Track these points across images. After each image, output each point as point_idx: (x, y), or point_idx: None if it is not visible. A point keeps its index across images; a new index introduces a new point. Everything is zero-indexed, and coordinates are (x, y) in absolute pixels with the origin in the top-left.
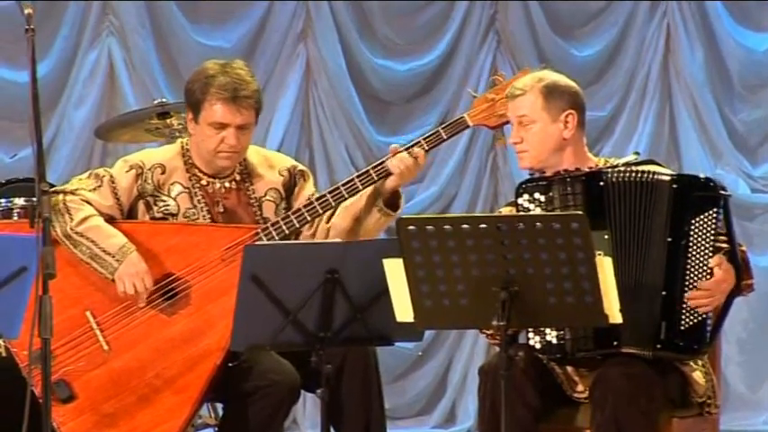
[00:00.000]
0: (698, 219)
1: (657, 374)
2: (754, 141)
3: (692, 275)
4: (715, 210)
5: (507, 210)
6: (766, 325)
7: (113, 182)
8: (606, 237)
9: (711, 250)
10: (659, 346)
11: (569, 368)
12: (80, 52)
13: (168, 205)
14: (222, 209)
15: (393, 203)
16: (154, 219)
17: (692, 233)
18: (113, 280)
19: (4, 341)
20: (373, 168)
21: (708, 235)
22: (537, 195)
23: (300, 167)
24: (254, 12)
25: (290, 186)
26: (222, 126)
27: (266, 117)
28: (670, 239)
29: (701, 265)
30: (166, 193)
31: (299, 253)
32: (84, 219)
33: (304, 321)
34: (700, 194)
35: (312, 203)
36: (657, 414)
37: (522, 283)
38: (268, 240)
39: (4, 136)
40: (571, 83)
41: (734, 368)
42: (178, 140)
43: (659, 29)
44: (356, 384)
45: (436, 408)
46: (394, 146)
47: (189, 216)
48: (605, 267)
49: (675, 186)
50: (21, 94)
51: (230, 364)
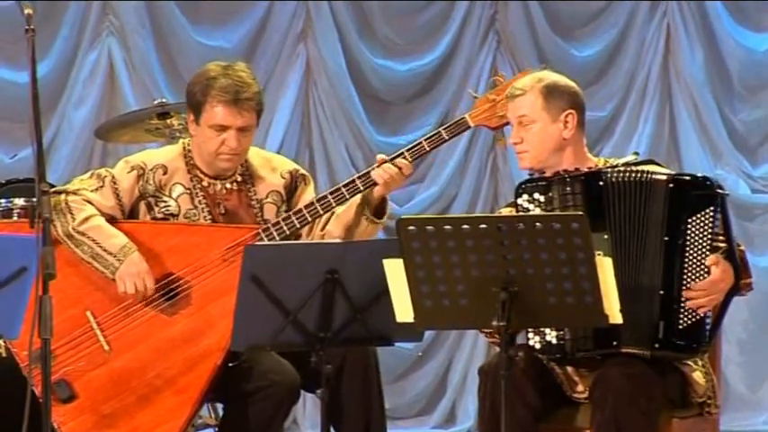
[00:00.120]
0: (695, 218)
1: (657, 374)
2: (754, 142)
3: (690, 275)
4: (712, 209)
5: (507, 210)
6: (766, 325)
7: (115, 182)
8: (606, 237)
9: (709, 249)
10: (657, 346)
11: (569, 368)
12: (80, 52)
13: (169, 206)
14: (223, 210)
15: (380, 210)
16: (155, 219)
17: (689, 232)
18: (114, 280)
19: (5, 341)
20: (359, 178)
21: (705, 234)
22: (536, 195)
23: (302, 171)
24: (254, 12)
25: (292, 189)
26: (223, 128)
27: (266, 117)
28: (667, 239)
29: (699, 265)
30: (167, 194)
31: (300, 253)
32: (85, 218)
33: (304, 321)
34: (696, 193)
35: (313, 204)
36: (657, 414)
37: (522, 284)
38: (269, 241)
39: (4, 136)
40: (571, 83)
41: (734, 368)
42: (180, 141)
43: (659, 29)
44: (356, 384)
45: (436, 408)
46: (380, 156)
47: (190, 217)
48: (605, 267)
49: (672, 186)
50: (21, 95)
51: (230, 365)
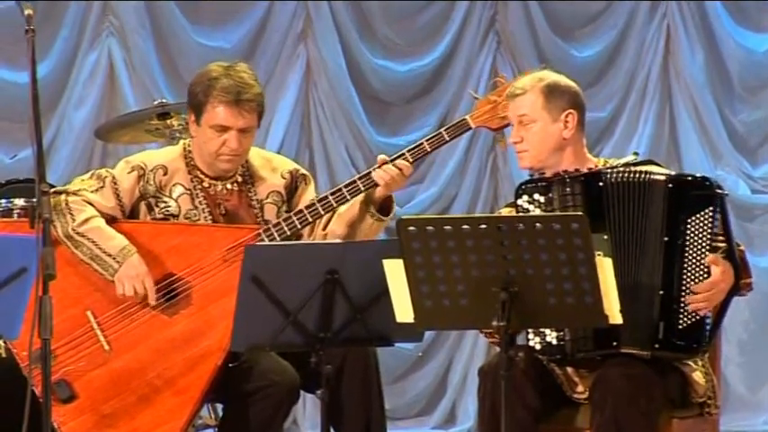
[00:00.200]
0: (694, 218)
1: (657, 375)
2: (754, 142)
3: (689, 275)
4: (711, 209)
5: (507, 211)
6: (767, 326)
7: (115, 183)
8: (606, 237)
9: (708, 249)
10: (657, 346)
11: (569, 369)
12: (80, 53)
13: (169, 206)
14: (224, 211)
15: (386, 208)
16: (155, 220)
17: (689, 232)
18: (114, 282)
19: (5, 341)
20: (359, 179)
21: (704, 234)
22: (536, 196)
23: (302, 171)
24: (254, 12)
25: (292, 189)
26: (224, 129)
27: (266, 118)
28: (666, 239)
29: (698, 265)
30: (168, 195)
31: (300, 253)
32: (85, 220)
33: (304, 322)
34: (695, 193)
35: (314, 205)
36: (657, 415)
37: (522, 284)
38: (269, 241)
39: (4, 137)
40: (571, 83)
41: (734, 369)
42: (180, 142)
43: (659, 30)
44: (356, 385)
45: (436, 408)
46: (381, 157)
47: (190, 217)
48: (605, 268)
49: (671, 186)
50: (21, 95)
51: (230, 365)
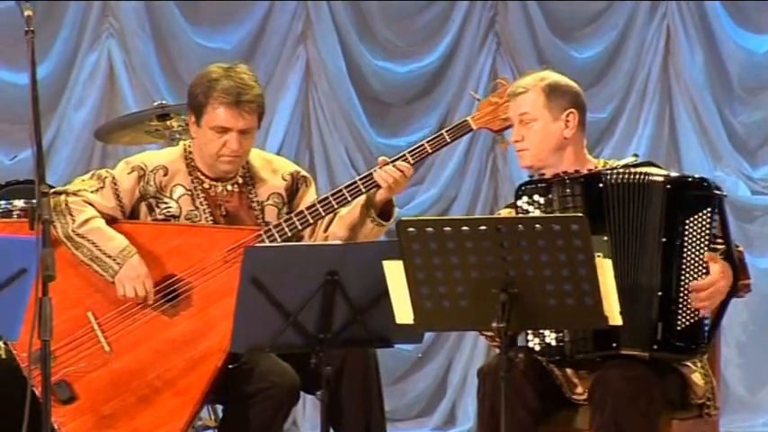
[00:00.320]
0: (692, 219)
1: (657, 376)
2: (753, 143)
3: (688, 275)
4: (709, 209)
5: (506, 212)
6: (766, 327)
7: (115, 183)
8: (605, 239)
9: (707, 250)
10: (656, 347)
11: (569, 370)
12: (80, 54)
13: (170, 207)
14: (224, 212)
15: (387, 212)
16: (156, 221)
17: (687, 233)
18: (114, 283)
19: (5, 342)
20: (360, 180)
21: (702, 235)
22: (536, 197)
23: (303, 173)
24: (253, 14)
25: (293, 191)
26: (224, 130)
27: (266, 119)
28: (665, 240)
29: (697, 265)
30: (168, 196)
31: (299, 254)
32: (85, 221)
33: (304, 323)
34: (693, 194)
35: (315, 206)
36: (657, 416)
37: (522, 285)
38: (270, 242)
39: (4, 138)
40: (573, 83)
41: (733, 370)
42: (181, 143)
43: (659, 31)
44: (356, 386)
45: (436, 409)
46: (382, 158)
47: (191, 218)
48: (605, 269)
49: (669, 187)
50: (20, 96)
51: (230, 366)
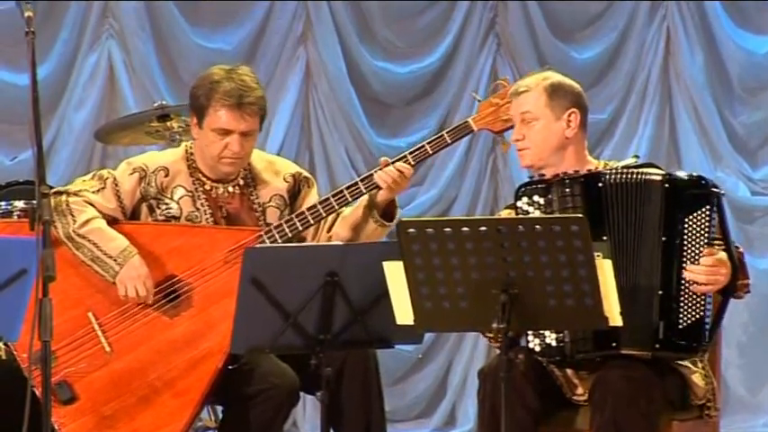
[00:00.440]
0: (691, 217)
1: (657, 377)
2: (754, 144)
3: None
4: (708, 207)
5: (506, 213)
6: (766, 328)
7: (116, 184)
8: (605, 239)
9: (706, 248)
10: (658, 346)
11: (569, 371)
12: (80, 55)
13: (171, 208)
14: (225, 213)
15: (389, 213)
16: (156, 222)
17: (686, 231)
18: (115, 283)
19: (5, 343)
20: (361, 181)
21: (702, 233)
22: (536, 198)
23: (305, 174)
24: (254, 14)
25: (295, 193)
26: (226, 132)
27: (266, 120)
28: (664, 239)
29: (696, 264)
30: (169, 197)
31: (299, 255)
32: (86, 221)
33: (304, 324)
34: (691, 192)
35: (315, 207)
36: (657, 416)
37: (522, 286)
38: (271, 243)
39: (4, 139)
40: (575, 84)
41: (734, 371)
42: (182, 144)
43: (659, 31)
44: (356, 387)
45: (436, 410)
46: (384, 159)
47: (192, 219)
48: (605, 269)
49: (667, 185)
50: (21, 97)
51: (230, 367)
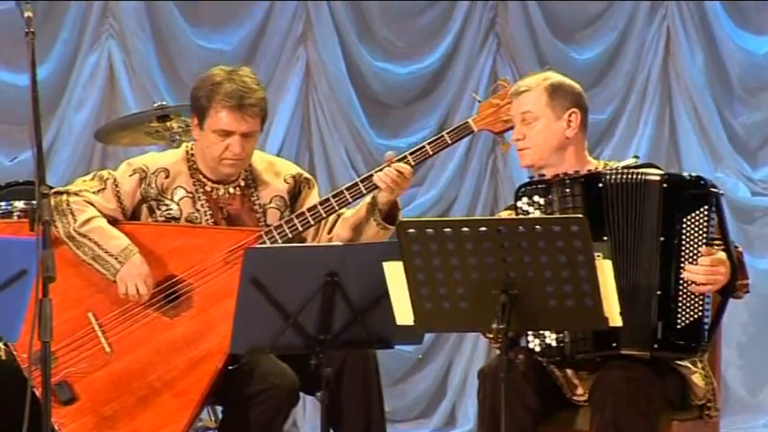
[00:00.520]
0: (689, 217)
1: (657, 377)
2: (754, 144)
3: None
4: (706, 207)
5: (506, 213)
6: (766, 328)
7: (117, 185)
8: (605, 239)
9: (704, 249)
10: (657, 347)
11: (569, 371)
12: (80, 55)
13: (171, 209)
14: (226, 214)
15: (392, 216)
16: (156, 222)
17: (684, 231)
18: (115, 282)
19: (5, 343)
20: (361, 182)
21: (700, 233)
22: (536, 198)
23: (306, 175)
24: (253, 14)
25: (295, 194)
26: (227, 133)
27: (266, 120)
28: (662, 239)
29: (695, 264)
30: (169, 198)
31: (299, 256)
32: (87, 220)
33: (304, 324)
34: (690, 192)
35: (316, 207)
36: (657, 416)
37: (522, 286)
38: (271, 243)
39: (4, 139)
40: (575, 84)
41: (734, 371)
42: (183, 145)
43: (659, 32)
44: (356, 387)
45: (436, 411)
46: (389, 154)
47: (192, 220)
48: (605, 270)
49: (665, 185)
50: (21, 97)
51: (230, 368)
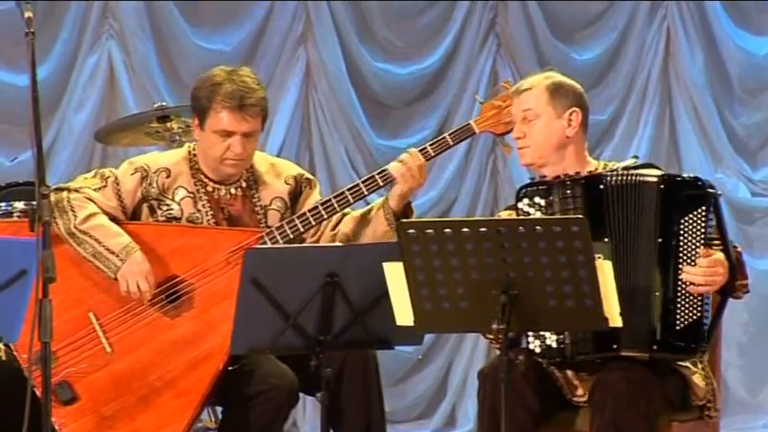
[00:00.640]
0: (687, 218)
1: (657, 378)
2: (754, 145)
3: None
4: (704, 208)
5: (506, 214)
6: (766, 328)
7: (118, 183)
8: (606, 240)
9: (703, 249)
10: (656, 348)
11: (569, 372)
12: (80, 55)
13: (172, 209)
14: (227, 215)
15: (405, 217)
16: (158, 222)
17: (682, 232)
18: (116, 279)
19: (5, 344)
20: (378, 174)
21: (698, 234)
22: (537, 199)
23: (307, 176)
24: (253, 15)
25: (296, 195)
26: (228, 134)
27: (267, 120)
28: (660, 240)
29: (693, 264)
30: (171, 198)
31: (300, 256)
32: (88, 216)
33: (304, 325)
34: (687, 193)
35: (317, 208)
36: (657, 417)
37: (523, 287)
38: (272, 244)
39: (4, 139)
40: (576, 84)
41: (734, 372)
42: (185, 145)
43: (659, 32)
44: (356, 388)
45: (436, 411)
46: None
47: (193, 221)
48: (605, 271)
49: (663, 186)
50: (21, 98)
51: (230, 368)
